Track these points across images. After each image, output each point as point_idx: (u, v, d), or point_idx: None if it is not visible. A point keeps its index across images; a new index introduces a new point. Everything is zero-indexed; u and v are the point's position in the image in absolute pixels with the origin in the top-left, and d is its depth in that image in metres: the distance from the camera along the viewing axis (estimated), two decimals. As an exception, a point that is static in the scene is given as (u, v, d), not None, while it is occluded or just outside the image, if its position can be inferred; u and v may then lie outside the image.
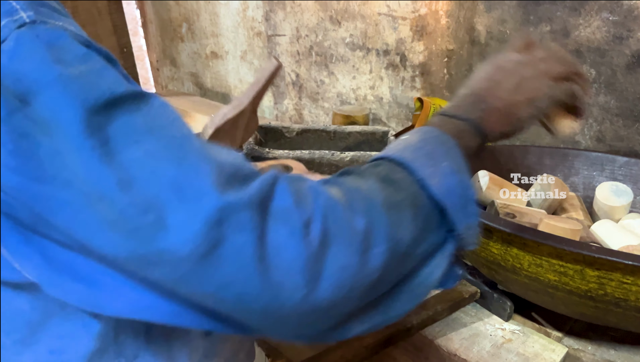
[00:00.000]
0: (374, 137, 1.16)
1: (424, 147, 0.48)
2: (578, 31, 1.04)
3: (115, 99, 0.36)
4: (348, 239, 0.38)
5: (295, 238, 0.37)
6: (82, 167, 0.34)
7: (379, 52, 1.26)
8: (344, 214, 0.39)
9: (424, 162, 0.46)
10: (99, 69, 0.37)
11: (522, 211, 0.87)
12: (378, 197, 0.42)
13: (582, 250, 0.57)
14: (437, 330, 0.70)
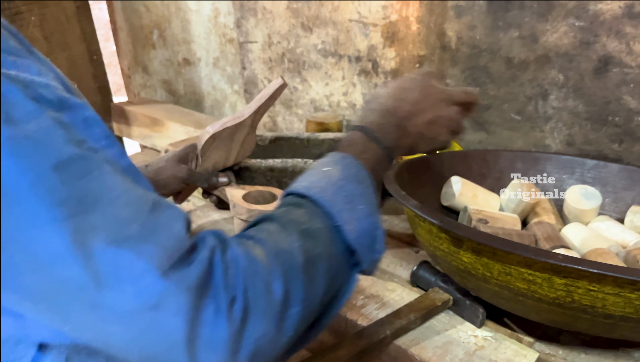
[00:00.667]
0: (348, 144, 1.16)
1: (344, 187, 0.51)
2: (546, 37, 1.06)
3: (64, 162, 0.35)
4: (266, 309, 0.41)
5: (221, 317, 0.38)
6: (23, 235, 0.33)
7: (351, 58, 1.26)
8: (264, 283, 0.41)
9: (343, 207, 0.50)
10: (47, 128, 0.36)
11: (495, 216, 0.88)
12: (298, 257, 0.45)
13: (549, 259, 0.57)
14: (410, 339, 0.70)
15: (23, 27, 1.85)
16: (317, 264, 0.47)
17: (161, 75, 2.02)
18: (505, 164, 0.99)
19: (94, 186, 0.36)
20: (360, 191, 0.52)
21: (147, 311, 0.36)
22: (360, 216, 0.51)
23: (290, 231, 0.47)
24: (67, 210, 0.34)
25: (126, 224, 0.37)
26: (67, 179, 0.35)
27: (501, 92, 1.16)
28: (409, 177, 0.89)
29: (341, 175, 0.53)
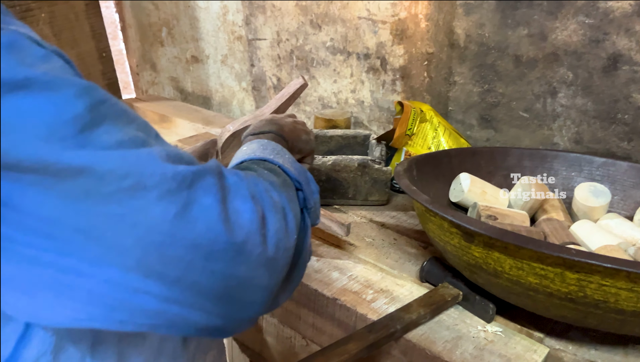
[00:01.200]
0: (356, 141, 1.17)
1: (267, 147, 0.61)
2: (555, 34, 1.06)
3: (82, 90, 0.37)
4: (275, 208, 0.47)
5: (248, 205, 0.43)
6: (64, 157, 0.35)
7: (360, 55, 1.26)
8: (264, 188, 0.48)
9: (276, 155, 0.59)
10: (60, 68, 0.38)
11: (504, 213, 0.88)
12: (274, 179, 0.52)
13: (562, 253, 0.57)
14: (420, 333, 0.71)
15: (33, 23, 1.86)
16: (289, 189, 0.53)
17: (169, 72, 2.03)
18: (513, 162, 0.99)
19: (115, 108, 0.39)
20: (280, 148, 0.62)
21: (185, 189, 0.39)
22: (291, 160, 0.60)
23: (256, 169, 0.55)
24: (101, 129, 0.37)
25: (152, 130, 0.42)
26: (91, 104, 0.37)
27: (509, 89, 1.16)
28: (417, 174, 0.90)
29: (258, 144, 0.62)
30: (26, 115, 0.34)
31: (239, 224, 0.41)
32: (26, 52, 0.36)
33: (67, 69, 0.39)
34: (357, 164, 1.02)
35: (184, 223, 0.38)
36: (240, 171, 0.48)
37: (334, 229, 0.84)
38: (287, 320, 0.86)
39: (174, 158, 0.40)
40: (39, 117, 0.34)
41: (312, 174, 1.02)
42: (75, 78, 0.38)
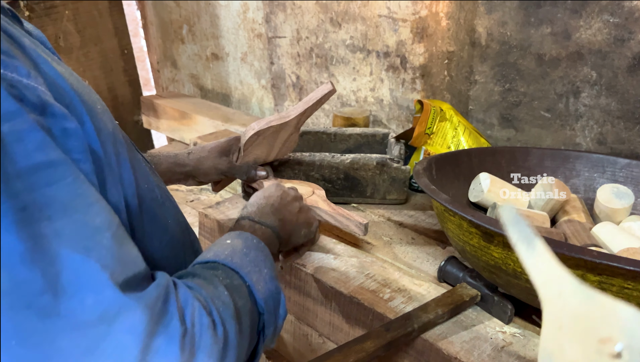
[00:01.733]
0: (374, 139, 1.16)
1: (248, 254, 0.57)
2: (579, 33, 1.04)
3: (32, 168, 0.36)
4: (211, 347, 0.44)
5: (174, 346, 0.40)
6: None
7: (380, 54, 1.26)
8: (208, 323, 0.44)
9: (251, 269, 0.55)
10: (25, 130, 0.36)
11: (524, 213, 0.87)
12: (229, 305, 0.48)
13: (582, 255, 0.56)
14: (437, 333, 0.70)
15: (57, 20, 1.90)
16: (243, 316, 0.50)
17: (189, 69, 2.04)
18: (535, 162, 0.98)
19: (64, 192, 0.37)
20: (263, 258, 0.58)
21: (103, 323, 0.37)
22: (267, 278, 0.57)
23: (216, 283, 0.50)
24: (29, 215, 0.35)
25: (97, 233, 0.38)
26: (33, 185, 0.36)
27: (531, 89, 1.14)
28: (437, 173, 0.89)
29: (243, 244, 0.58)
30: None
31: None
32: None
33: (35, 131, 0.37)
34: (376, 162, 1.02)
35: (95, 355, 0.37)
36: (190, 296, 0.45)
37: (352, 228, 0.84)
38: (303, 317, 0.87)
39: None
40: None
41: (331, 172, 1.02)
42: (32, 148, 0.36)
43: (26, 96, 0.37)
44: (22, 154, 0.36)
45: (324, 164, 1.02)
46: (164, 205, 0.58)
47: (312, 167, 1.01)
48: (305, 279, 0.84)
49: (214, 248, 0.58)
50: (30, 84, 0.38)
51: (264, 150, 0.93)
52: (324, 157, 1.02)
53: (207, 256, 0.56)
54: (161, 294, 0.41)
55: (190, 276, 0.51)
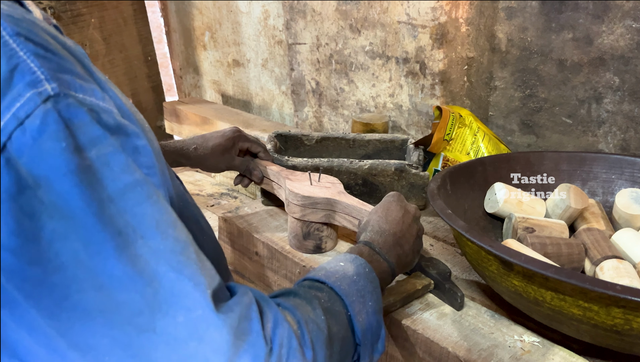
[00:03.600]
0: (393, 145, 1.16)
1: (357, 282, 0.56)
2: (601, 39, 1.03)
3: (122, 190, 0.37)
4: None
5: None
6: (87, 257, 0.35)
7: (399, 60, 1.26)
8: (297, 345, 0.44)
9: (356, 299, 0.55)
10: (109, 154, 0.38)
11: (541, 223, 0.86)
12: (323, 330, 0.48)
13: (607, 290, 0.55)
14: (454, 341, 0.70)
15: (84, 28, 1.94)
16: (335, 342, 0.50)
17: (211, 75, 2.07)
18: (550, 166, 0.97)
19: (153, 210, 0.38)
20: (371, 289, 0.57)
21: (192, 341, 0.37)
22: (370, 311, 0.56)
23: (315, 305, 0.50)
24: (125, 239, 0.36)
25: (186, 248, 0.39)
26: (125, 207, 0.37)
27: (552, 95, 1.13)
28: (452, 187, 0.89)
29: (355, 271, 0.58)
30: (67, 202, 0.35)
31: None
32: (83, 130, 0.36)
33: (118, 153, 0.38)
34: (394, 168, 1.02)
35: None
36: (279, 316, 0.45)
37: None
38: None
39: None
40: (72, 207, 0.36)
41: (349, 178, 1.02)
42: (119, 171, 0.38)
43: (103, 119, 0.38)
44: (111, 178, 0.37)
45: (342, 169, 1.02)
46: (192, 212, 0.59)
47: (330, 172, 1.02)
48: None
49: (326, 267, 0.58)
50: (106, 106, 0.39)
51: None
52: (342, 162, 1.02)
53: (318, 275, 0.56)
54: (243, 314, 0.41)
55: (292, 295, 0.52)
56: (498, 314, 0.75)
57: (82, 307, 0.35)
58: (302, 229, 0.89)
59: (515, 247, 0.76)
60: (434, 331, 0.72)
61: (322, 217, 0.87)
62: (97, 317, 0.36)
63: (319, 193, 0.87)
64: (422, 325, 0.73)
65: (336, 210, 0.87)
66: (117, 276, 0.36)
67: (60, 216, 0.35)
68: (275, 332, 0.43)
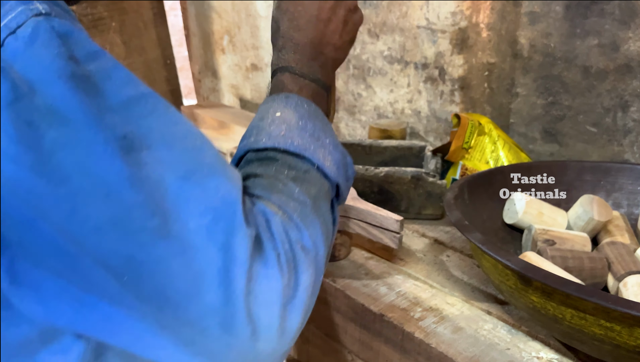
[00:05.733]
0: (411, 152, 1.14)
1: (305, 127, 0.50)
2: (628, 45, 1.00)
3: (125, 102, 0.36)
4: (306, 258, 0.42)
5: (273, 269, 0.39)
6: (91, 162, 0.34)
7: (418, 65, 1.24)
8: (295, 235, 0.42)
9: (315, 147, 0.49)
10: (110, 68, 0.37)
11: (563, 236, 0.83)
12: (305, 202, 0.45)
13: (630, 310, 0.52)
14: (469, 356, 0.68)
15: (104, 32, 1.96)
16: (320, 204, 0.47)
17: (229, 80, 2.07)
18: (573, 176, 0.94)
19: (160, 123, 0.37)
20: (321, 126, 0.52)
21: (210, 248, 0.36)
22: (331, 148, 0.51)
23: (283, 180, 0.46)
24: (129, 143, 0.35)
25: (199, 153, 0.38)
26: (129, 118, 0.36)
27: (576, 102, 1.10)
28: (470, 196, 0.86)
29: (296, 115, 0.51)
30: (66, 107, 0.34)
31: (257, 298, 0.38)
32: (79, 45, 0.36)
33: (120, 68, 0.38)
34: (411, 176, 1.00)
35: (201, 284, 0.37)
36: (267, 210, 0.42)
37: (385, 241, 0.82)
38: (333, 333, 0.85)
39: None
40: (72, 113, 0.35)
41: (364, 185, 1.00)
42: (120, 84, 0.37)
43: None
44: (112, 91, 0.36)
45: (357, 176, 1.00)
46: None
47: (345, 179, 1.00)
48: (335, 294, 0.82)
49: (264, 127, 0.50)
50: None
51: None
52: (357, 169, 1.00)
53: (261, 141, 0.49)
54: (259, 218, 0.40)
55: (252, 177, 0.47)
56: (515, 329, 0.73)
57: (92, 221, 0.34)
58: (315, 236, 0.87)
59: (534, 260, 0.73)
60: (447, 346, 0.69)
61: (335, 224, 0.85)
62: (109, 231, 0.34)
63: None
64: (435, 339, 0.70)
65: (350, 216, 0.85)
66: (123, 178, 0.34)
67: (59, 123, 0.34)
68: (274, 235, 0.41)
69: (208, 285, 0.36)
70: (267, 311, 0.38)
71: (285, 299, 0.39)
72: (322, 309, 0.86)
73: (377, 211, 0.82)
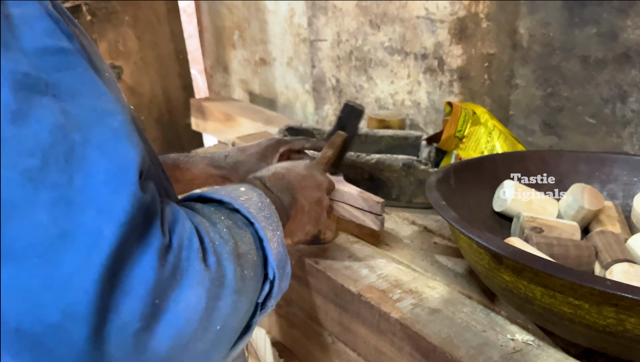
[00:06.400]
0: (407, 142, 1.14)
1: (263, 209, 0.49)
2: (626, 34, 0.98)
3: (41, 50, 0.35)
4: (199, 276, 0.37)
5: (151, 257, 0.34)
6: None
7: (417, 56, 1.24)
8: (198, 250, 0.38)
9: (266, 225, 0.47)
10: (34, 16, 0.36)
11: (551, 224, 0.82)
12: (228, 242, 0.41)
13: (595, 285, 0.51)
14: (442, 336, 0.67)
15: (118, 25, 2.00)
16: (244, 262, 0.42)
17: (239, 74, 2.09)
18: (567, 166, 0.92)
19: (73, 79, 0.36)
20: (276, 220, 0.50)
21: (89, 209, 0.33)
22: (280, 241, 0.49)
23: (216, 221, 0.43)
24: (31, 83, 0.33)
25: (106, 116, 0.36)
26: (40, 66, 0.34)
27: (575, 93, 1.08)
28: (457, 182, 0.85)
29: (259, 199, 0.50)
30: None
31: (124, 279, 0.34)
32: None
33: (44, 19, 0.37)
34: (402, 163, 0.99)
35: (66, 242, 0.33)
36: (182, 216, 0.39)
37: (368, 223, 0.82)
38: (315, 315, 0.85)
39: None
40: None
41: (355, 172, 1.00)
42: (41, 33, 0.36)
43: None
44: (30, 37, 0.35)
45: (349, 163, 1.00)
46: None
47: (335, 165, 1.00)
48: (317, 275, 0.83)
49: (226, 189, 0.49)
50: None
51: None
52: (348, 156, 1.00)
53: (220, 194, 0.47)
54: (150, 199, 0.36)
55: (188, 207, 0.44)
56: (494, 314, 0.72)
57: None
58: (300, 219, 0.87)
59: (517, 245, 0.72)
60: (422, 326, 0.69)
61: (320, 206, 0.85)
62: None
63: None
64: (411, 319, 0.70)
65: (334, 198, 0.85)
66: (8, 110, 0.32)
67: None
68: (175, 228, 0.37)
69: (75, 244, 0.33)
70: (127, 302, 0.33)
71: (154, 298, 0.34)
72: (304, 292, 0.86)
73: (359, 193, 0.82)
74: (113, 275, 0.33)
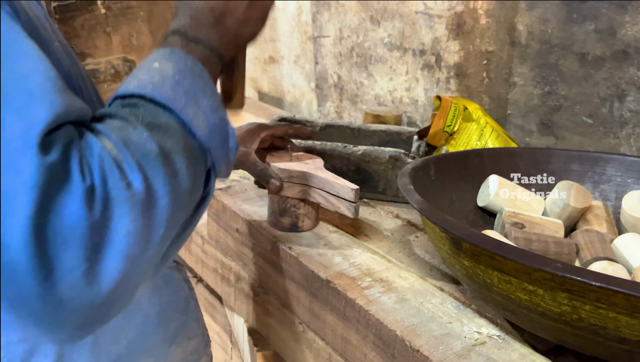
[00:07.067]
0: (399, 137, 1.12)
1: (182, 82, 0.46)
2: (625, 30, 0.95)
3: None
4: (130, 201, 0.37)
5: (77, 205, 0.35)
6: None
7: (415, 52, 1.22)
8: (120, 174, 0.38)
9: (186, 102, 0.45)
10: None
11: (534, 220, 0.79)
12: (150, 148, 0.41)
13: (544, 266, 0.49)
14: (405, 325, 0.65)
15: (132, 20, 2.03)
16: (175, 157, 0.43)
17: (249, 72, 2.10)
18: (559, 165, 0.89)
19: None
20: (201, 85, 0.47)
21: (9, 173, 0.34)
22: (208, 110, 0.47)
23: (134, 124, 0.42)
24: None
25: (22, 79, 0.36)
26: None
27: (572, 92, 1.05)
28: (437, 174, 0.83)
29: (175, 69, 0.47)
30: None
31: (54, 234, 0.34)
32: None
33: None
34: (389, 156, 0.98)
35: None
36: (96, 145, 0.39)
37: (342, 210, 0.81)
38: (288, 303, 0.84)
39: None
40: None
41: (341, 163, 0.99)
42: None
43: None
44: None
45: (335, 154, 0.99)
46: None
47: (322, 156, 0.99)
48: (290, 261, 0.81)
49: (139, 75, 0.47)
50: None
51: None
52: (335, 146, 0.99)
53: (130, 88, 0.46)
54: (64, 147, 0.36)
55: (107, 116, 0.43)
56: (464, 306, 0.69)
57: None
58: (278, 205, 0.86)
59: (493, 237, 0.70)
60: (386, 314, 0.67)
61: (298, 192, 0.85)
62: None
63: (296, 167, 0.84)
64: (376, 307, 0.68)
65: (312, 185, 0.84)
66: None
67: None
68: (94, 166, 0.37)
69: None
70: (67, 250, 0.34)
71: (93, 240, 0.35)
72: (279, 278, 0.85)
73: (335, 179, 0.81)
74: (42, 231, 0.34)
